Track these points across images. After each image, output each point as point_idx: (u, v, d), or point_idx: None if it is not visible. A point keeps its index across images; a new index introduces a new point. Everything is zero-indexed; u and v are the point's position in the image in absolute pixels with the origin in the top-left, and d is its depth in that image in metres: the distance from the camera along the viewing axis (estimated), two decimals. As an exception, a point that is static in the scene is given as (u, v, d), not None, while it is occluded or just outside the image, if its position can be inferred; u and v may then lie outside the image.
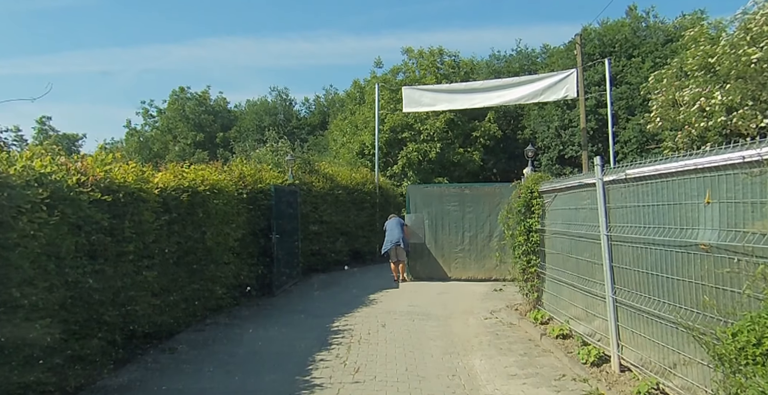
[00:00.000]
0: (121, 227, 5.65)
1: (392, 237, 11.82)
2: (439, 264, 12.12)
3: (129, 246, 5.80)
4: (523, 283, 7.95)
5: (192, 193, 7.59)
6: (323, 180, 13.65)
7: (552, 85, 14.92)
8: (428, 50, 30.52)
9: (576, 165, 29.88)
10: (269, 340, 6.83)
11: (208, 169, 8.76)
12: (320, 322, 7.76)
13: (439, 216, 12.10)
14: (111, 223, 5.38)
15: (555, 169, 29.74)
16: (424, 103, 16.23)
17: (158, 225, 6.57)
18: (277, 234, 10.20)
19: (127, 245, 5.78)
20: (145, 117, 47.10)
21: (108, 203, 5.35)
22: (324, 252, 13.32)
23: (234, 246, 9.01)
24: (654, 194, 4.46)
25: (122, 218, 5.67)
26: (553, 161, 29.95)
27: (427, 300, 9.70)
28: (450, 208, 12.02)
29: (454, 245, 11.99)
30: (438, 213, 12.10)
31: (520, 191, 7.89)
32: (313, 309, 8.79)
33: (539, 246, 7.66)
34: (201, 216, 7.72)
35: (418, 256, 12.23)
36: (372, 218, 16.16)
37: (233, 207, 8.91)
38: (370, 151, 28.42)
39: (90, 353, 5.12)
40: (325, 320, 7.91)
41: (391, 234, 11.90)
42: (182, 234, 7.28)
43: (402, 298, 9.82)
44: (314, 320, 7.94)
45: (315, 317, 8.16)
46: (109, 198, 5.23)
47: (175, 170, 7.83)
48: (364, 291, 10.47)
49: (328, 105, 44.97)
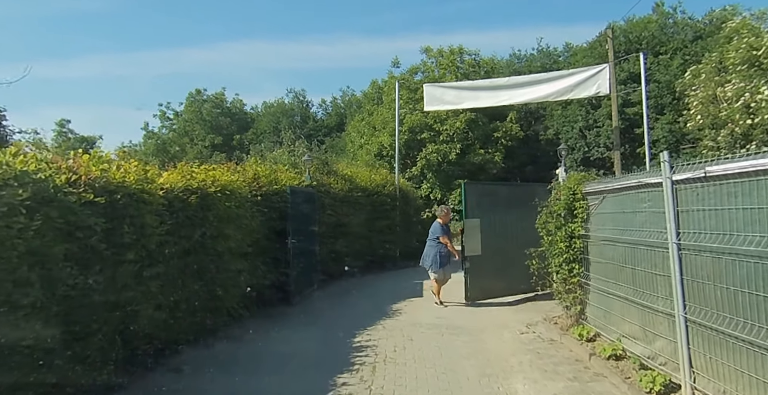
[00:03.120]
0: (119, 232, 5.04)
1: (427, 249, 9.69)
2: (493, 279, 9.66)
3: (129, 254, 5.19)
4: (563, 295, 7.18)
5: (201, 194, 6.98)
6: (342, 181, 13.00)
7: (583, 81, 14.08)
8: (448, 49, 29.77)
9: (602, 167, 28.81)
10: (285, 359, 6.17)
11: (220, 169, 8.15)
12: (341, 337, 7.07)
13: (494, 221, 9.72)
14: (107, 228, 4.77)
15: (579, 171, 28.75)
16: (447, 101, 15.49)
17: (163, 230, 5.96)
18: (293, 238, 9.56)
19: (127, 252, 5.17)
20: (163, 119, 47.08)
21: (103, 205, 4.75)
22: (343, 258, 12.64)
23: (247, 252, 8.38)
24: (745, 195, 3.70)
25: (120, 222, 5.06)
26: (577, 163, 28.96)
27: (455, 311, 8.97)
28: (501, 210, 9.79)
29: (506, 254, 9.36)
30: (493, 217, 9.73)
31: (559, 192, 7.14)
32: (332, 321, 8.11)
33: (583, 253, 6.90)
34: (211, 220, 7.11)
35: (476, 272, 9.60)
36: (392, 222, 15.47)
37: (246, 210, 8.29)
38: (388, 152, 27.75)
39: (83, 370, 4.51)
40: (346, 334, 7.22)
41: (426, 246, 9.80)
42: (190, 239, 6.67)
43: (427, 309, 9.10)
44: (334, 334, 7.26)
45: (335, 330, 7.48)
46: (103, 199, 4.62)
47: (183, 170, 7.24)
48: (386, 300, 9.77)
49: (346, 106, 44.44)
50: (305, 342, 6.86)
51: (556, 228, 7.14)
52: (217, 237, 7.36)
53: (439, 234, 9.45)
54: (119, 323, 5.04)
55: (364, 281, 12.48)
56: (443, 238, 9.42)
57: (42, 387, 4.08)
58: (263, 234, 9.04)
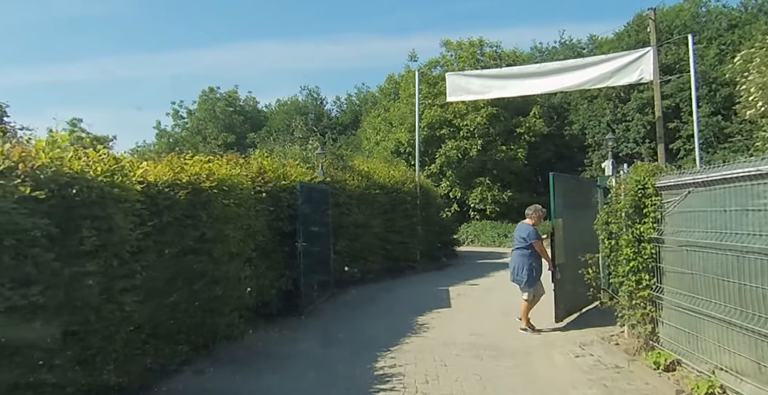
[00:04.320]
0: (75, 237, 3.92)
1: (516, 260, 7.44)
2: (573, 291, 7.67)
3: (90, 265, 4.06)
4: (629, 310, 5.92)
5: (193, 190, 5.86)
6: (358, 177, 11.83)
7: (623, 66, 12.76)
8: (468, 41, 28.47)
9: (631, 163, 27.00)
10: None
11: (218, 162, 7.03)
12: (359, 361, 5.88)
13: (572, 220, 7.94)
14: (53, 232, 3.64)
15: (606, 167, 27.24)
16: (472, 91, 14.24)
17: (142, 234, 4.85)
18: (304, 241, 8.42)
19: (88, 263, 4.05)
20: (175, 118, 46.44)
21: (51, 202, 3.64)
22: (359, 261, 11.47)
23: (251, 257, 7.26)
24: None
25: (77, 224, 3.94)
26: (604, 159, 27.41)
27: (491, 324, 7.74)
28: (577, 209, 8.17)
29: (579, 260, 7.21)
30: (571, 216, 7.93)
31: (624, 187, 5.88)
32: (348, 339, 6.94)
33: (654, 261, 5.64)
34: (205, 220, 5.98)
35: (563, 284, 7.55)
36: (412, 221, 14.29)
37: (249, 209, 7.16)
38: (405, 149, 26.55)
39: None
40: (364, 357, 6.04)
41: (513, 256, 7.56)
42: (179, 243, 5.55)
43: (459, 322, 7.88)
44: (350, 357, 6.08)
45: (351, 351, 6.32)
46: (43, 194, 3.48)
47: (173, 162, 6.14)
48: (409, 311, 8.58)
49: (361, 103, 43.33)
50: (314, 369, 5.65)
51: (621, 230, 5.89)
52: (214, 240, 6.23)
53: (534, 239, 7.28)
54: (73, 359, 3.90)
55: (382, 287, 11.30)
56: (538, 245, 7.32)
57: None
58: (270, 236, 7.92)
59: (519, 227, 7.72)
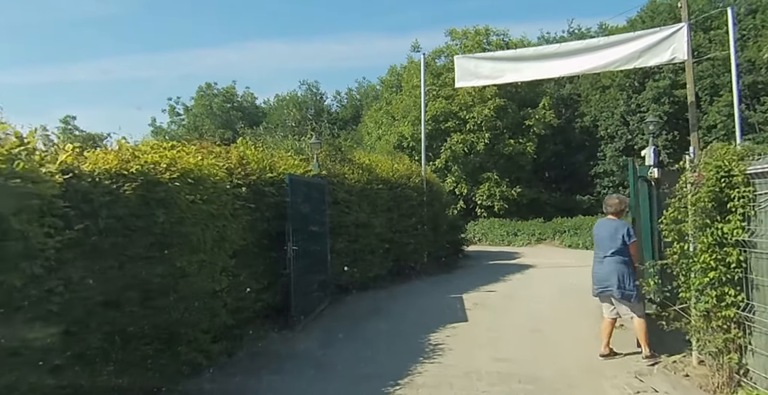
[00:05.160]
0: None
1: (599, 269, 5.80)
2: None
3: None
4: (706, 335, 4.62)
5: (146, 182, 4.58)
6: (358, 171, 10.52)
7: (654, 44, 11.41)
8: (473, 30, 27.08)
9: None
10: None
11: (185, 149, 5.72)
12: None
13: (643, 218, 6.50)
14: None
15: (622, 161, 25.92)
16: (483, 75, 12.89)
17: (61, 242, 3.57)
18: (295, 244, 7.14)
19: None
20: (172, 115, 45.22)
21: None
22: (359, 265, 10.18)
23: (228, 266, 5.98)
24: None
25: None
26: (619, 152, 26.11)
27: (520, 344, 6.43)
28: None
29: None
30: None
31: (702, 175, 4.57)
32: (346, 366, 5.62)
33: (744, 271, 4.34)
34: (163, 222, 4.69)
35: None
36: (419, 220, 13.00)
37: (225, 206, 5.87)
38: (409, 143, 25.19)
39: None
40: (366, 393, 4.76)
41: (597, 264, 5.84)
42: (123, 252, 4.27)
43: (480, 342, 6.55)
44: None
45: (350, 385, 5.03)
46: None
47: (122, 149, 4.86)
48: (419, 326, 7.28)
49: (362, 97, 42.01)
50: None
51: (697, 230, 4.59)
52: (176, 246, 4.96)
53: (633, 238, 5.67)
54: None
55: (386, 295, 10.01)
56: (636, 246, 5.76)
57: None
58: (252, 238, 6.61)
59: (605, 225, 5.82)
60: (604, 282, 5.66)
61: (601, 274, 5.73)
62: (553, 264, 14.79)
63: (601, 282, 5.69)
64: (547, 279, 11.92)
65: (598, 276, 5.76)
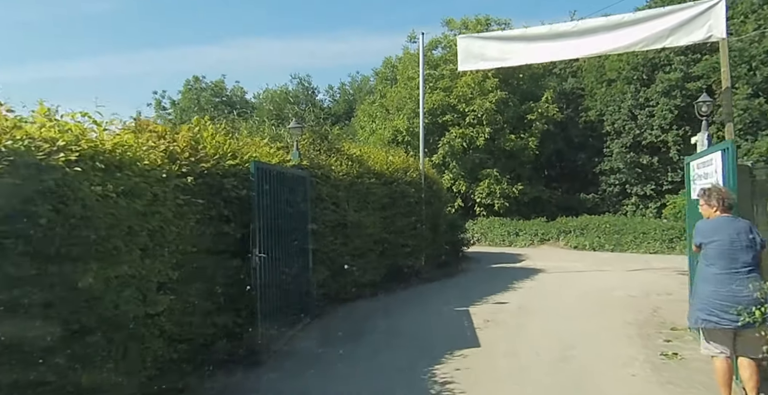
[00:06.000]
0: None
1: (738, 289, 3.89)
2: None
3: None
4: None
5: (23, 166, 3.09)
6: (347, 163, 9.03)
7: (687, 21, 9.94)
8: (474, 19, 25.61)
9: (656, 153, 24.49)
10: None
11: (100, 125, 4.19)
12: None
13: None
14: None
15: (630, 157, 24.54)
16: (489, 57, 11.41)
17: None
18: (262, 250, 5.65)
19: None
20: (157, 108, 43.47)
21: None
22: (348, 272, 8.70)
23: (168, 281, 4.49)
24: None
25: None
26: (626, 148, 24.70)
27: (549, 379, 4.95)
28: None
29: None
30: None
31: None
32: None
33: None
34: (52, 223, 3.20)
35: None
36: (417, 218, 11.55)
37: (162, 203, 4.36)
38: (404, 138, 23.69)
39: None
40: None
41: (726, 281, 3.96)
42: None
43: (501, 379, 5.05)
44: None
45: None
46: None
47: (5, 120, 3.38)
48: (418, 353, 5.80)
49: (355, 92, 40.51)
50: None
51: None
52: (80, 259, 3.47)
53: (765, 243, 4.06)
54: None
55: (379, 307, 8.54)
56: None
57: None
58: (205, 244, 5.11)
59: (732, 225, 4.03)
60: (749, 308, 3.79)
61: (744, 297, 3.83)
62: (563, 269, 13.35)
63: (747, 308, 3.80)
64: (563, 287, 10.49)
65: (736, 300, 3.83)
